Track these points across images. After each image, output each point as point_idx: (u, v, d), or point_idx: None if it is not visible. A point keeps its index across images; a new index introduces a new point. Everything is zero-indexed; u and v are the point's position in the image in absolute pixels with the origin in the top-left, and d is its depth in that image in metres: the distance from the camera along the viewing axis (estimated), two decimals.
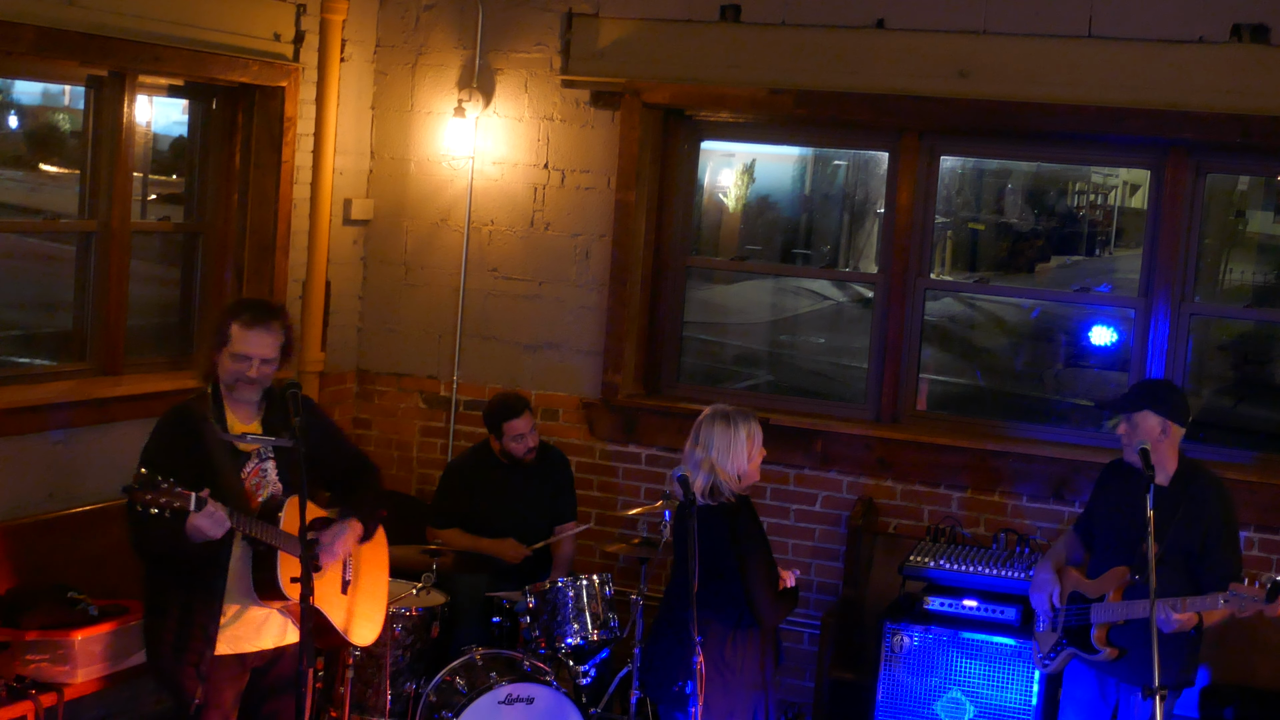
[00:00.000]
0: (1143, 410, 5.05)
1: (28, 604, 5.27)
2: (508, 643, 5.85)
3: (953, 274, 8.01)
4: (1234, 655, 6.02)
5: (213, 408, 4.65)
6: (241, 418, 4.70)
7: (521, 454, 6.39)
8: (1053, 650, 5.31)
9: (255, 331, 4.62)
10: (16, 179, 6.59)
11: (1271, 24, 6.02)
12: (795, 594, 5.21)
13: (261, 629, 4.71)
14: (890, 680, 6.06)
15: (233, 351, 4.61)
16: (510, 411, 6.37)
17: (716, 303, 8.16)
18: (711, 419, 5.03)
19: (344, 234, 7.34)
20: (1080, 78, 6.27)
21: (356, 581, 4.93)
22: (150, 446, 4.64)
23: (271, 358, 4.65)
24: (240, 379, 4.62)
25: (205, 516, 4.32)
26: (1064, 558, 5.39)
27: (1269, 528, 6.16)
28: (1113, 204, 8.99)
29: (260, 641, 4.72)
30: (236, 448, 4.65)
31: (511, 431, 6.36)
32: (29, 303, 6.58)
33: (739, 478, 5.01)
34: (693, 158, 7.24)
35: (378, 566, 5.12)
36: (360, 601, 4.96)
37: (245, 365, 4.61)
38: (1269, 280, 7.83)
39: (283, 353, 4.71)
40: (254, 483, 4.67)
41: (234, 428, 4.65)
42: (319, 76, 6.96)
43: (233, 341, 4.62)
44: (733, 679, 5.02)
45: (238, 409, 4.70)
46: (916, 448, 6.65)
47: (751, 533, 5.02)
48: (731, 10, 6.77)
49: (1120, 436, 5.15)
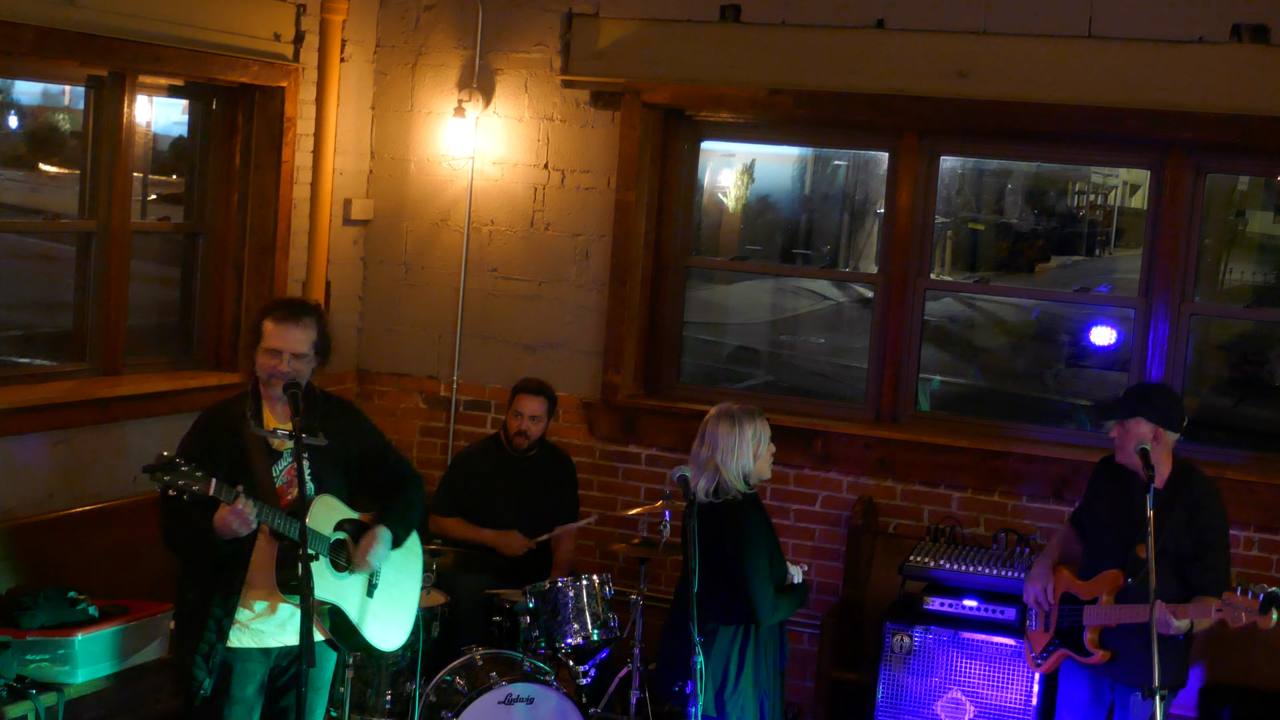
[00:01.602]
0: (1135, 416, 5.05)
1: (28, 604, 5.26)
2: (508, 643, 5.85)
3: (953, 274, 8.02)
4: (1233, 655, 6.02)
5: (251, 405, 4.73)
6: (278, 417, 4.75)
7: (514, 432, 6.44)
8: (1045, 650, 5.32)
9: (286, 326, 4.71)
10: (16, 179, 6.60)
11: (1271, 24, 6.02)
12: (803, 590, 5.20)
13: (286, 624, 4.73)
14: (890, 680, 6.06)
15: (266, 347, 4.70)
16: (528, 386, 6.49)
17: (716, 303, 8.16)
18: (717, 419, 5.06)
19: (344, 234, 7.35)
20: (1080, 78, 6.27)
21: (385, 588, 4.92)
22: (187, 439, 4.74)
23: (303, 353, 4.72)
24: (274, 374, 4.68)
25: (233, 511, 4.40)
26: (1059, 554, 5.39)
27: (1269, 528, 6.16)
28: (1113, 204, 9.00)
29: (284, 637, 4.74)
30: (271, 445, 4.71)
31: (519, 405, 6.44)
32: (29, 303, 6.58)
33: (743, 476, 5.03)
34: (693, 158, 7.24)
35: (408, 574, 5.09)
36: (386, 606, 4.95)
37: (277, 360, 4.68)
38: (1269, 280, 7.83)
39: (317, 351, 4.79)
40: (285, 481, 4.70)
41: (269, 425, 4.73)
42: (319, 76, 6.96)
43: (265, 337, 4.71)
44: (739, 678, 5.03)
45: (275, 408, 4.76)
46: (916, 448, 6.65)
47: (752, 529, 5.02)
48: (731, 10, 6.77)
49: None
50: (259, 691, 4.76)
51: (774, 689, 5.15)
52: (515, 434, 6.45)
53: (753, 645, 5.04)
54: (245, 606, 4.67)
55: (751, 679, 5.04)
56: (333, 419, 4.81)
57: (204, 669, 4.60)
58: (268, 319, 4.74)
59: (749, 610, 4.97)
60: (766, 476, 5.15)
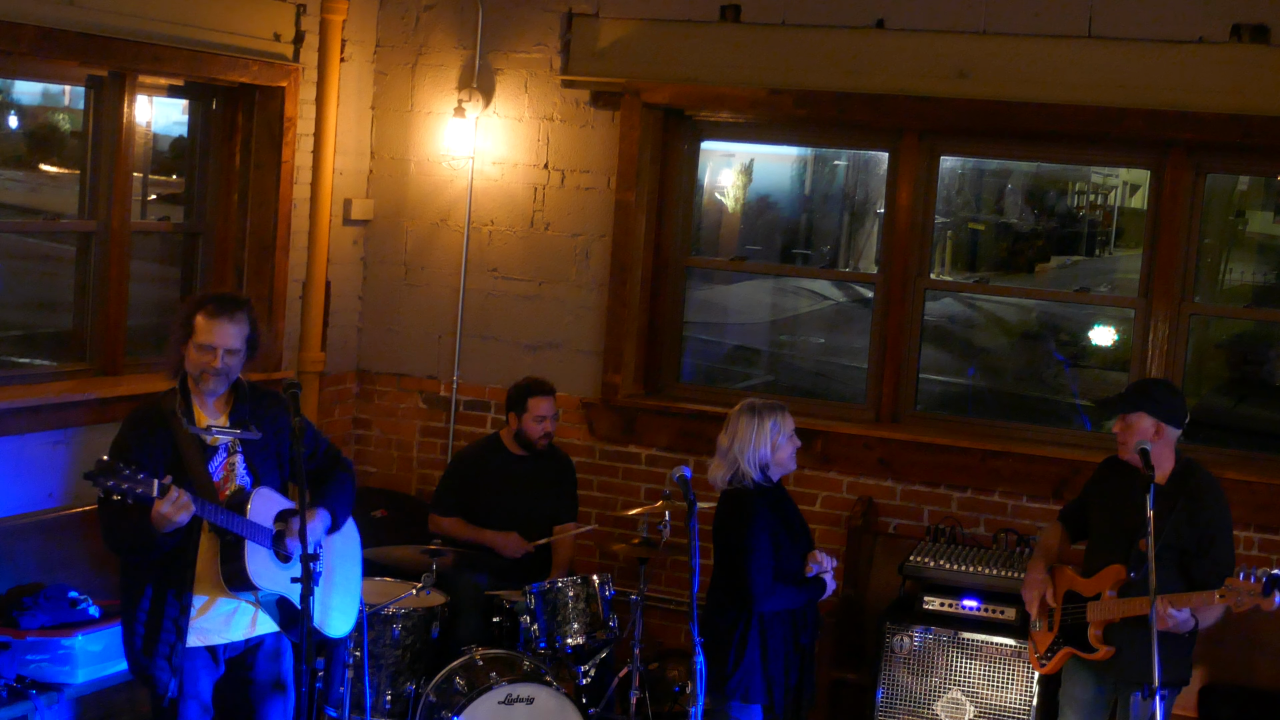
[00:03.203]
0: (1138, 411, 5.06)
1: (28, 604, 5.27)
2: (508, 643, 5.85)
3: (953, 274, 8.02)
4: (1234, 655, 6.02)
5: (180, 403, 4.65)
6: (209, 413, 4.70)
7: (538, 436, 6.38)
8: (1049, 649, 5.31)
9: (219, 321, 4.62)
10: (16, 179, 6.60)
11: (1271, 24, 6.02)
12: (817, 584, 5.24)
13: (230, 620, 4.70)
14: (890, 680, 6.06)
15: (198, 343, 4.61)
16: (539, 388, 6.42)
17: (716, 303, 8.15)
18: (739, 413, 5.25)
19: (344, 234, 7.35)
20: (1080, 78, 6.27)
21: (328, 574, 4.90)
22: (118, 440, 4.65)
23: (236, 348, 4.65)
24: (206, 370, 4.61)
25: (168, 502, 4.32)
26: (1054, 554, 5.40)
27: (1269, 528, 6.16)
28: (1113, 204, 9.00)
29: (230, 633, 4.71)
30: (204, 441, 4.65)
31: (535, 409, 6.37)
32: (29, 303, 6.58)
33: (760, 467, 5.17)
34: (693, 158, 7.24)
35: (349, 559, 5.10)
36: (333, 594, 4.95)
37: (210, 356, 4.60)
38: (1269, 280, 7.83)
39: (249, 345, 4.70)
40: (221, 476, 4.68)
41: (201, 422, 4.67)
42: (319, 76, 6.96)
43: (197, 332, 4.62)
44: (742, 663, 5.08)
45: (205, 404, 4.70)
46: (916, 448, 6.65)
47: (755, 514, 5.10)
48: (731, 10, 6.77)
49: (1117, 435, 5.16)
50: (212, 691, 4.72)
51: (788, 678, 5.19)
52: (539, 438, 6.41)
53: (759, 632, 5.10)
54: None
55: (758, 666, 5.09)
56: (263, 410, 4.76)
57: (167, 670, 4.56)
58: (200, 313, 4.64)
59: (748, 594, 5.06)
60: (790, 469, 5.29)
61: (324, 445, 5.08)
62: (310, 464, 4.94)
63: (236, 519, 4.54)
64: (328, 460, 5.03)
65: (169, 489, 4.33)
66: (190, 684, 4.62)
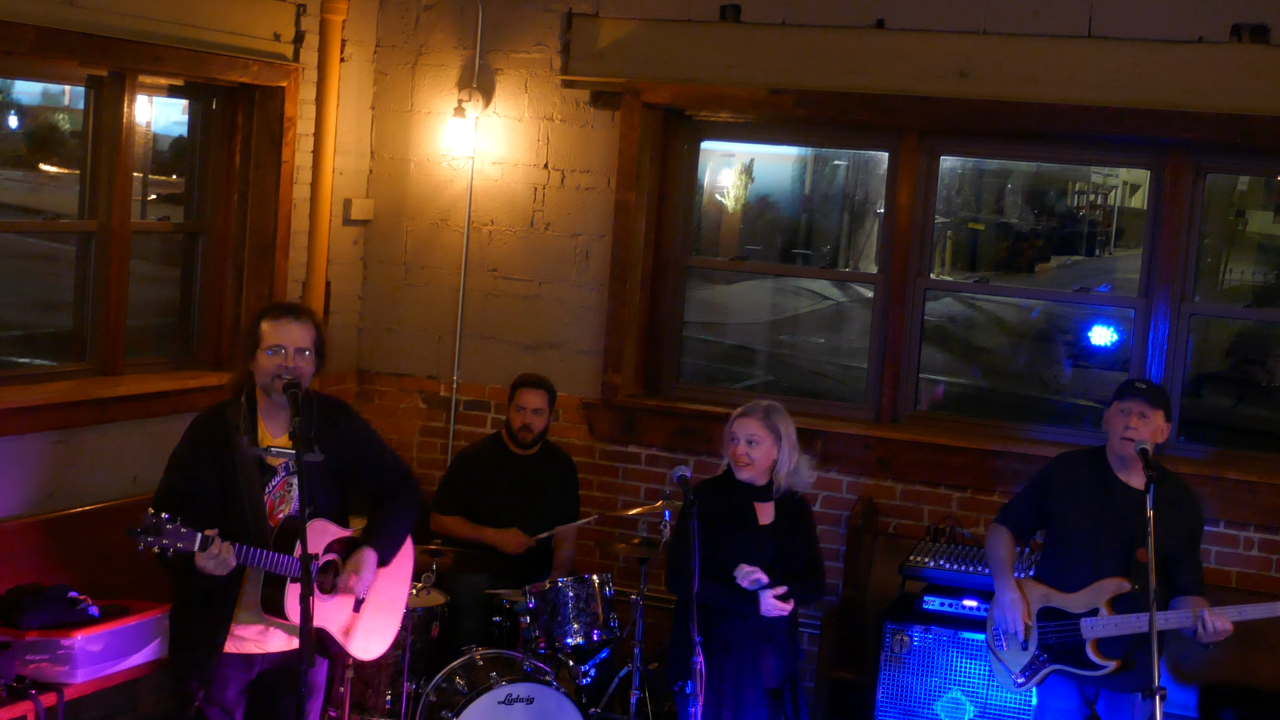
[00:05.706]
0: (1159, 409, 4.98)
1: (28, 604, 5.26)
2: (508, 643, 5.85)
3: (953, 274, 8.02)
4: (1234, 655, 6.01)
5: (245, 418, 4.65)
6: (273, 430, 4.70)
7: (518, 427, 6.44)
8: (1028, 668, 5.14)
9: (285, 321, 4.66)
10: (16, 179, 6.59)
11: (1271, 24, 6.02)
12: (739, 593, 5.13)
13: (268, 632, 4.72)
14: (890, 680, 6.06)
15: (266, 347, 4.63)
16: (529, 381, 6.51)
17: (716, 303, 8.16)
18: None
19: (344, 234, 7.35)
20: (1080, 78, 6.27)
21: (374, 597, 4.90)
22: (179, 451, 4.68)
23: (305, 347, 4.66)
24: (279, 373, 4.60)
25: (210, 557, 4.36)
26: (1013, 565, 5.22)
27: (1269, 528, 6.16)
28: (1113, 204, 9.01)
29: (266, 645, 4.74)
30: (265, 461, 4.65)
31: (519, 399, 6.45)
32: (29, 303, 6.58)
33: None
34: (693, 158, 7.24)
35: (397, 581, 5.07)
36: (369, 617, 4.93)
37: (281, 358, 4.61)
38: (1269, 280, 7.84)
39: (316, 350, 4.72)
40: (277, 498, 4.68)
41: (264, 441, 4.66)
42: (319, 76, 6.96)
43: (264, 338, 4.64)
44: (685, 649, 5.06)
45: (271, 421, 4.70)
46: (916, 448, 6.65)
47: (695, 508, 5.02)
48: (731, 10, 6.77)
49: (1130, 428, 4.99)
50: (239, 695, 4.74)
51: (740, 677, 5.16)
52: (520, 429, 6.45)
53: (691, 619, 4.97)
54: None
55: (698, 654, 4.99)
56: (328, 425, 4.72)
57: (197, 682, 4.61)
58: (264, 320, 4.68)
59: None
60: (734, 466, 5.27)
61: (390, 461, 5.04)
62: (373, 482, 4.94)
63: (282, 561, 4.53)
64: (393, 480, 5.01)
65: (211, 542, 4.34)
66: (217, 692, 4.66)
